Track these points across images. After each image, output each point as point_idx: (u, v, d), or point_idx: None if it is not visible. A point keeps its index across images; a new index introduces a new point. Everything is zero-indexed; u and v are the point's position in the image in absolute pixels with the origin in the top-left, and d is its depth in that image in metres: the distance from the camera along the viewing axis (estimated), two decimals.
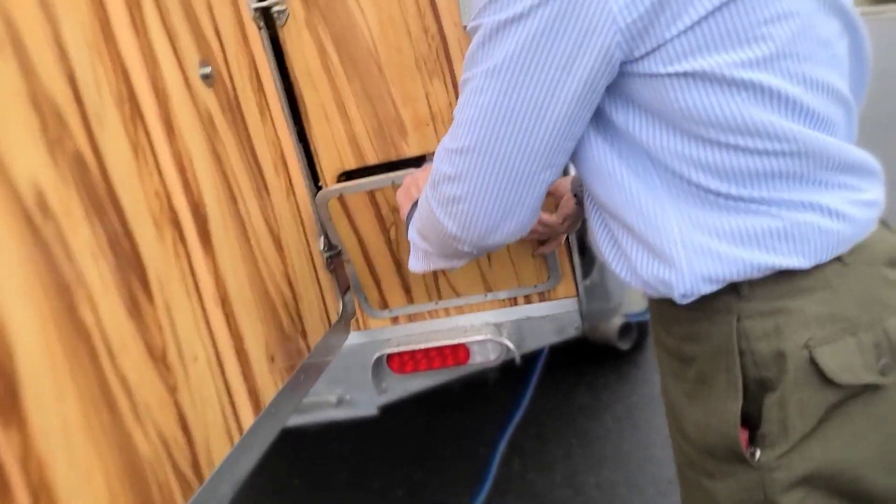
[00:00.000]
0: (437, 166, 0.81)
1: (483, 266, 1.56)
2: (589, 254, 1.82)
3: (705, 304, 0.79)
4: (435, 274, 1.59)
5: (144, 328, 0.93)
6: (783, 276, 0.75)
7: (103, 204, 0.89)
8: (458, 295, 1.63)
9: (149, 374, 0.92)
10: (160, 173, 1.03)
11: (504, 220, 0.79)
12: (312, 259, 1.53)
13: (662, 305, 0.87)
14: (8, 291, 0.72)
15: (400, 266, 1.58)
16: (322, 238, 1.58)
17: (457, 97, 1.54)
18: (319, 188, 1.62)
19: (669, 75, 0.69)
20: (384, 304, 1.67)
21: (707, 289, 0.77)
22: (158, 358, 0.95)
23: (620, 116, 0.75)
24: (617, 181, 0.78)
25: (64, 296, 0.79)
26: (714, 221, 0.75)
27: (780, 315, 0.75)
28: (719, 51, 0.68)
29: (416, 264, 1.03)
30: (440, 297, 1.65)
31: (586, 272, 1.72)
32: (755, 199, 0.73)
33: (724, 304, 0.78)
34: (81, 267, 0.83)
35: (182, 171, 1.09)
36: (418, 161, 1.60)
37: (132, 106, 0.99)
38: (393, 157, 1.57)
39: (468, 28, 0.76)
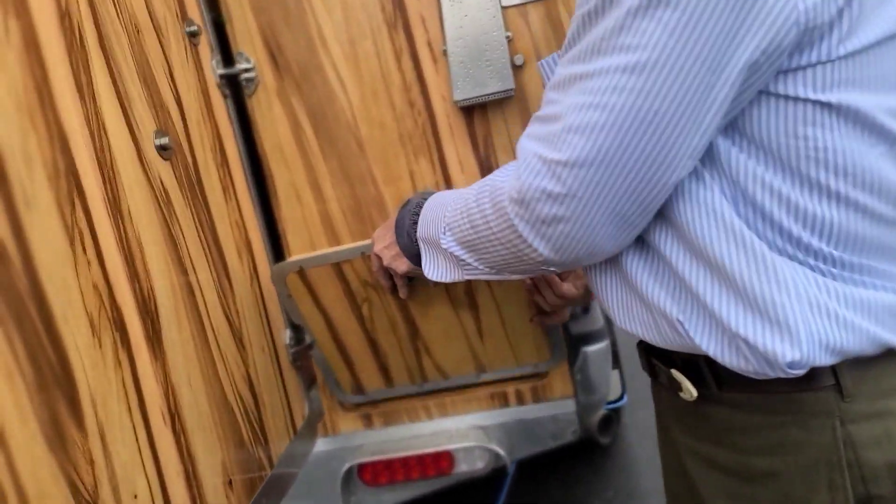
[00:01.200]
0: (527, 180, 0.63)
1: (474, 342, 1.38)
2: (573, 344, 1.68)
3: (794, 405, 0.64)
4: (417, 352, 1.39)
5: (71, 464, 0.72)
6: (891, 367, 0.62)
7: (24, 305, 0.70)
8: (445, 377, 1.44)
9: None
10: (101, 263, 0.84)
11: (612, 239, 0.63)
12: (276, 356, 1.33)
13: (714, 409, 0.71)
14: None
15: (376, 346, 1.38)
16: (288, 331, 1.39)
17: (444, 176, 1.44)
18: None
19: (814, 103, 0.57)
20: (359, 389, 1.46)
21: (823, 360, 0.60)
22: (88, 502, 0.73)
23: (726, 144, 0.62)
24: (720, 217, 0.62)
25: None
26: (828, 285, 0.61)
27: (890, 418, 0.61)
28: (883, 90, 0.57)
29: (439, 272, 0.86)
30: (425, 379, 1.45)
31: (571, 364, 1.57)
32: (869, 270, 0.61)
33: (823, 405, 0.62)
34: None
35: (129, 259, 0.90)
36: None
37: (70, 182, 0.82)
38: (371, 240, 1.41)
39: (578, 14, 0.61)
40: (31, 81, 0.78)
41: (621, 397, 2.95)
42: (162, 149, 1.04)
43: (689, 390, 0.71)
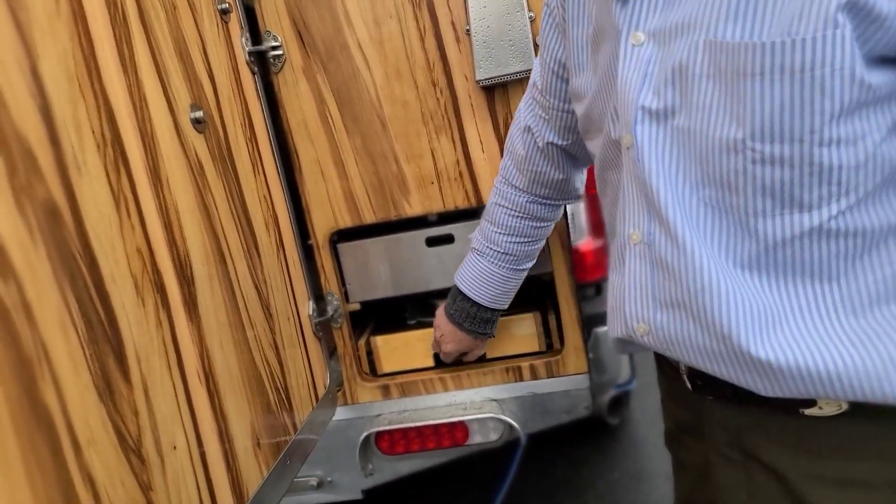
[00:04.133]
0: None
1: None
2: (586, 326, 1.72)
3: None
4: None
5: (118, 414, 0.77)
6: None
7: (77, 264, 0.74)
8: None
9: (121, 470, 0.75)
10: (144, 228, 0.89)
11: None
12: (301, 325, 1.38)
13: (857, 422, 0.61)
14: None
15: None
16: (311, 303, 1.43)
17: (465, 154, 1.47)
18: (309, 246, 1.49)
19: None
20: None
21: None
22: (132, 450, 0.78)
23: None
24: None
25: (22, 374, 0.63)
26: None
27: None
28: None
29: (471, 275, 1.18)
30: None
31: (585, 343, 1.61)
32: None
33: None
34: (46, 339, 0.67)
35: (168, 225, 0.95)
36: (419, 222, 1.49)
37: (116, 150, 0.86)
38: (392, 216, 1.45)
39: None
40: (80, 53, 0.82)
41: (630, 381, 2.99)
42: (196, 122, 1.08)
43: (833, 405, 0.62)
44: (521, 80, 1.34)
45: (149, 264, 0.88)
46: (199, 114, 1.08)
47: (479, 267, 1.13)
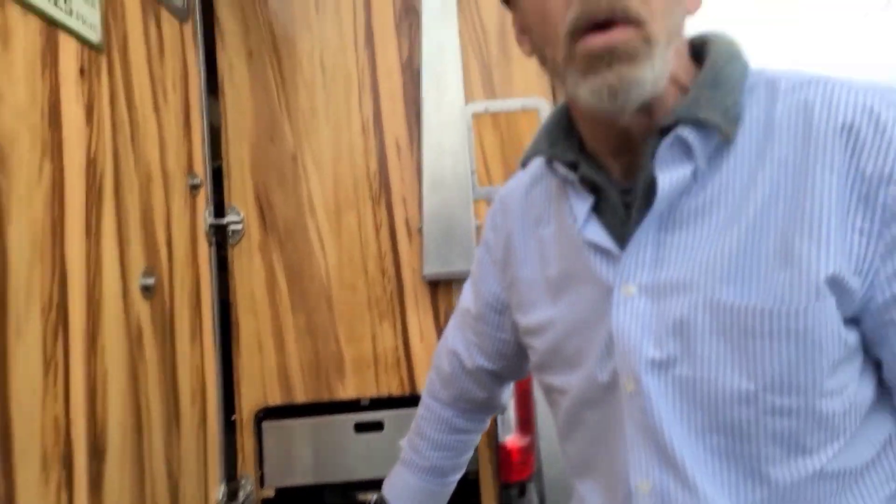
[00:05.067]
0: None
1: None
2: None
3: None
4: None
5: None
6: None
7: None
8: None
9: None
10: (67, 398, 0.85)
11: None
12: None
13: None
14: None
15: None
16: (223, 485, 1.34)
17: (404, 340, 1.51)
18: (232, 422, 1.43)
19: None
20: None
21: None
22: None
23: None
24: None
25: None
26: None
27: None
28: None
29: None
30: None
31: None
32: None
33: None
34: None
35: (92, 395, 0.91)
36: (350, 406, 1.47)
37: (59, 315, 0.85)
38: (325, 397, 1.43)
39: None
40: (49, 219, 0.84)
41: None
42: (145, 288, 1.08)
43: None
44: (462, 280, 1.43)
45: (62, 436, 0.83)
46: (150, 280, 1.09)
47: (407, 481, 1.10)
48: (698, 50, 0.70)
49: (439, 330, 1.46)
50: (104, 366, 0.95)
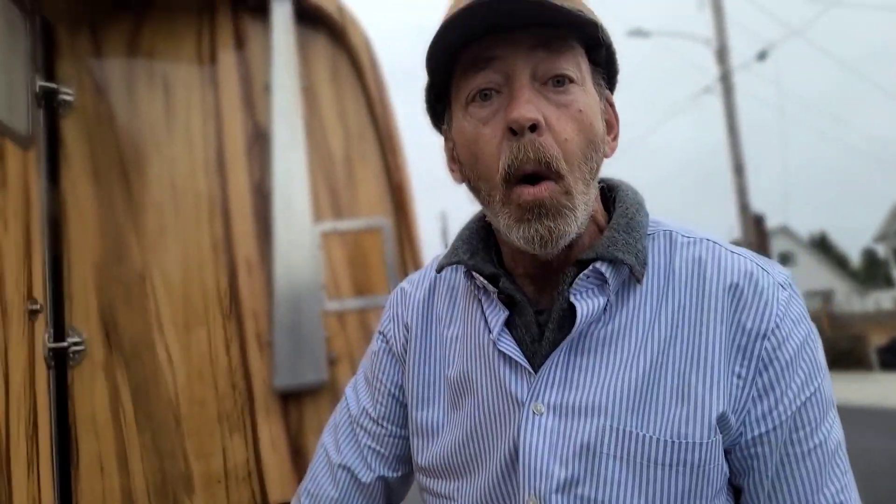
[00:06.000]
0: None
1: None
2: None
3: None
4: None
5: None
6: None
7: None
8: None
9: None
10: None
11: None
12: None
13: None
14: None
15: None
16: None
17: (255, 453, 1.54)
18: None
19: None
20: None
21: None
22: None
23: None
24: None
25: None
26: None
27: None
28: None
29: None
30: None
31: None
32: None
33: None
34: None
35: None
36: None
37: None
38: None
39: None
40: None
41: None
42: None
43: None
44: (314, 390, 1.53)
45: None
46: None
47: None
48: (606, 192, 0.79)
49: (290, 440, 1.52)
50: None
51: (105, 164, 1.56)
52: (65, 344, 1.42)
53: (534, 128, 0.65)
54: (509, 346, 0.72)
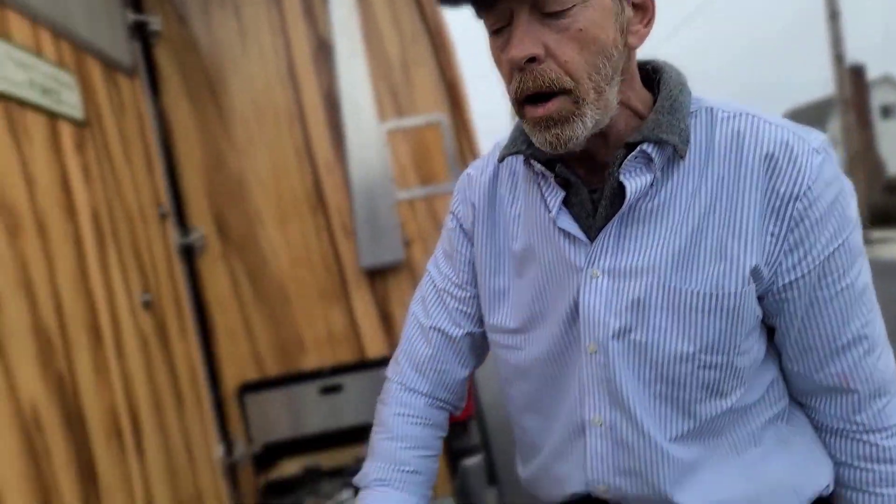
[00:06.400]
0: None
1: None
2: None
3: None
4: None
5: None
6: None
7: (76, 424, 1.03)
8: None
9: None
10: (111, 389, 1.18)
11: None
12: (210, 463, 1.63)
13: None
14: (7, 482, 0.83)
15: None
16: (221, 445, 1.69)
17: (351, 320, 1.87)
18: (220, 397, 1.77)
19: None
20: None
21: None
22: None
23: None
24: None
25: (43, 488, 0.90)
26: None
27: None
28: None
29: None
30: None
31: (452, 474, 1.96)
32: None
33: None
34: (57, 471, 0.95)
35: (126, 386, 1.24)
36: (313, 374, 1.83)
37: (91, 333, 1.17)
38: (293, 370, 1.79)
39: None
40: (77, 262, 1.16)
41: None
42: (145, 304, 1.41)
43: None
44: (393, 268, 1.81)
45: (113, 417, 1.17)
46: (148, 297, 1.42)
47: (387, 500, 0.93)
48: (650, 74, 0.83)
49: (379, 309, 1.83)
50: (128, 364, 1.28)
51: (195, 86, 1.80)
52: (190, 240, 1.75)
53: (533, 59, 0.71)
54: (567, 223, 0.81)
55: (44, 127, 1.13)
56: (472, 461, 2.11)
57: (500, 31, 0.75)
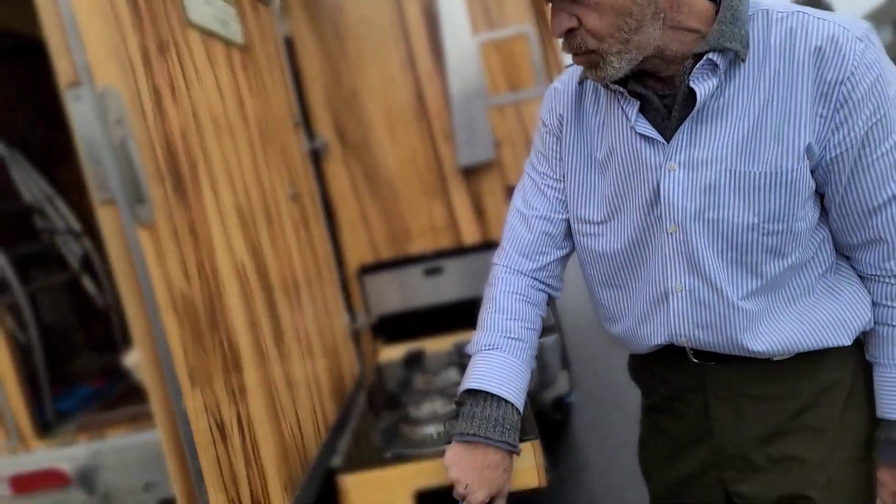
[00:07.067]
0: None
1: None
2: None
3: None
4: None
5: (284, 357, 1.41)
6: None
7: (265, 279, 1.40)
8: None
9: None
10: (279, 259, 1.55)
11: None
12: (342, 327, 2.04)
13: None
14: (237, 319, 1.21)
15: None
16: (346, 314, 2.09)
17: (449, 211, 2.18)
18: (344, 277, 2.16)
19: None
20: None
21: None
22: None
23: None
24: None
25: (251, 319, 1.28)
26: None
27: None
28: None
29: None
30: None
31: None
32: None
33: None
34: (257, 307, 1.33)
35: (287, 258, 1.61)
36: (419, 258, 2.18)
37: (269, 216, 1.53)
38: (402, 255, 2.14)
39: None
40: (251, 157, 1.49)
41: (569, 393, 3.65)
42: (293, 196, 1.75)
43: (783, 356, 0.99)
44: (486, 166, 2.08)
45: (286, 276, 1.54)
46: (293, 190, 1.76)
47: (495, 361, 1.01)
48: None
49: (473, 202, 2.13)
50: (288, 242, 1.64)
51: (314, 10, 2.07)
52: (315, 145, 2.08)
53: (568, 31, 0.88)
54: (644, 127, 0.94)
55: (223, 52, 1.44)
56: (549, 339, 2.43)
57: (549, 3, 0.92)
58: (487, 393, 0.99)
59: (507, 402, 0.99)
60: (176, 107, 1.11)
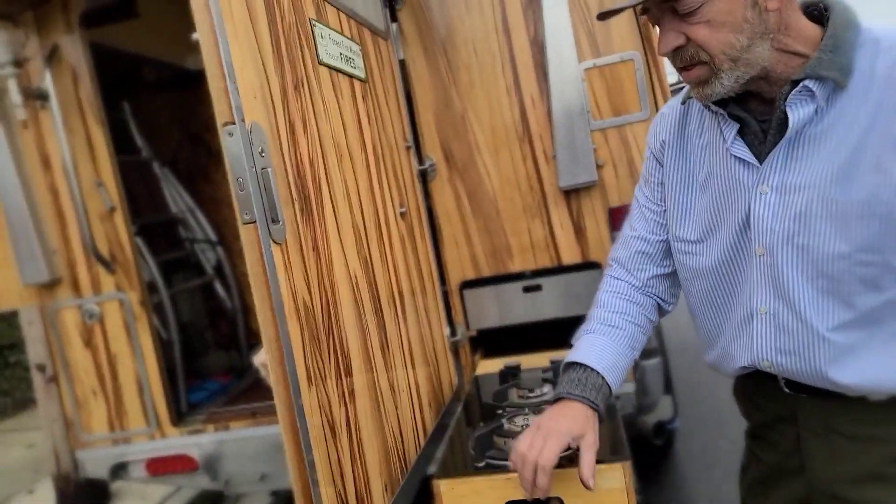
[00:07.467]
0: None
1: None
2: None
3: None
4: None
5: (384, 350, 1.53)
6: None
7: (374, 290, 1.54)
8: None
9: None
10: (387, 272, 1.68)
11: None
12: (442, 339, 2.15)
13: None
14: (347, 314, 1.34)
15: None
16: (447, 327, 2.20)
17: (550, 231, 2.24)
18: (445, 291, 2.27)
19: None
20: None
21: None
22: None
23: None
24: None
25: (360, 327, 1.41)
26: None
27: None
28: None
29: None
30: None
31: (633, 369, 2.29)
32: None
33: None
34: (367, 314, 1.46)
35: (394, 271, 1.74)
36: (518, 276, 2.24)
37: (380, 233, 1.66)
38: (502, 271, 2.22)
39: None
40: (369, 174, 1.64)
41: (672, 419, 3.54)
42: (401, 214, 1.89)
43: (881, 396, 0.95)
44: (587, 188, 2.12)
45: (393, 290, 1.67)
46: (404, 209, 1.90)
47: (585, 341, 1.13)
48: (822, 12, 0.93)
49: (573, 222, 2.17)
50: (395, 256, 1.77)
51: (429, 41, 2.21)
52: (424, 166, 2.21)
53: (677, 49, 0.91)
54: (740, 150, 0.97)
55: (347, 85, 1.60)
56: (650, 362, 2.42)
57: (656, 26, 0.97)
58: (573, 363, 1.09)
59: (591, 368, 1.07)
60: (306, 137, 1.26)
